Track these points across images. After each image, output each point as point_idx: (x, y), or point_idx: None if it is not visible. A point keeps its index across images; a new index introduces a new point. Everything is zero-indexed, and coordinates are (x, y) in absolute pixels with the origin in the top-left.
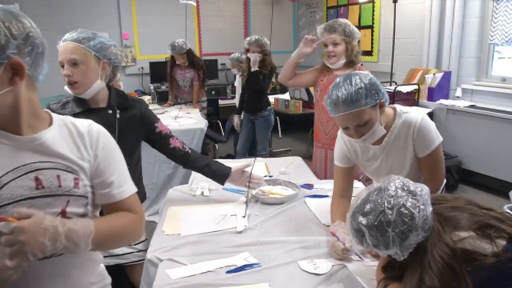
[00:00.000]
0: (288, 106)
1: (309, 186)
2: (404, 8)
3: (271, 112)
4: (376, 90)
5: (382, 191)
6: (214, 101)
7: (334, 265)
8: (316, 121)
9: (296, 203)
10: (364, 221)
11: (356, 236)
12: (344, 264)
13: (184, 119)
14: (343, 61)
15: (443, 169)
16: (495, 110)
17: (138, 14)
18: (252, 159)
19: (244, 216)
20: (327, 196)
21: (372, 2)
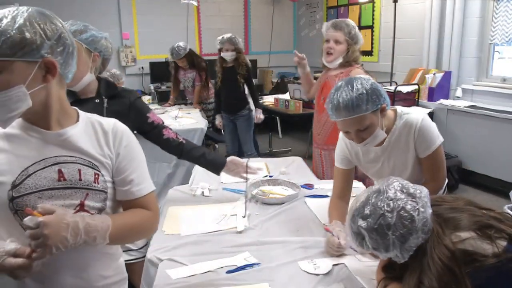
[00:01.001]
0: (288, 106)
1: (309, 186)
2: (404, 8)
3: (251, 111)
4: (377, 95)
5: (381, 193)
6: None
7: (334, 265)
8: (313, 120)
9: (296, 203)
10: (364, 224)
11: (356, 239)
12: (344, 264)
13: (184, 119)
14: (340, 61)
15: (444, 169)
16: (495, 110)
17: (138, 14)
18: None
19: (244, 216)
20: (327, 196)
21: (372, 2)
